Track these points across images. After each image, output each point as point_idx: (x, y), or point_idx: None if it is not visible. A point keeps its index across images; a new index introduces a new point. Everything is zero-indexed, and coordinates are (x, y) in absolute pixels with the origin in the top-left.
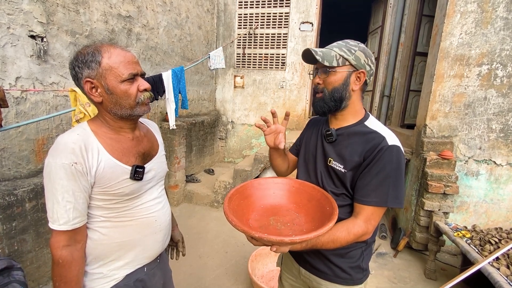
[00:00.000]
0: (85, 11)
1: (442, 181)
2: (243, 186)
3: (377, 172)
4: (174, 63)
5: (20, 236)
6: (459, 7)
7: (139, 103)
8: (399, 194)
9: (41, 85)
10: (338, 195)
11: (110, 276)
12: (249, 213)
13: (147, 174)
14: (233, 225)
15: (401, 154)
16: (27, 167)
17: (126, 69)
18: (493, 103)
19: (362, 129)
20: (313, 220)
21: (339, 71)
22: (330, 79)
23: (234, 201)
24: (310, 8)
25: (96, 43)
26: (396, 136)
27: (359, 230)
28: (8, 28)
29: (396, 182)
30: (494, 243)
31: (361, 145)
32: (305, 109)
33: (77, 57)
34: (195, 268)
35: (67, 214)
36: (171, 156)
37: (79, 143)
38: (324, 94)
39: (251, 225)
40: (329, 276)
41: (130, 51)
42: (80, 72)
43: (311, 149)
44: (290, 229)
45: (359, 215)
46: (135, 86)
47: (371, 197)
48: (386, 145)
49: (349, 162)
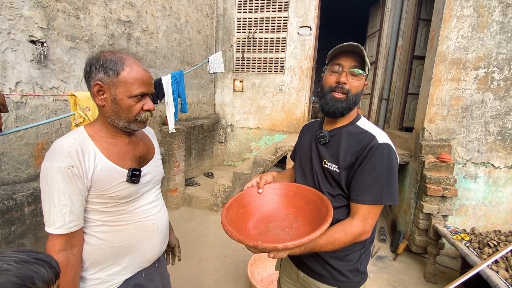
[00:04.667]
0: (85, 16)
1: (441, 184)
2: (241, 195)
3: (370, 171)
4: (174, 67)
5: (19, 241)
6: (455, 12)
7: (137, 120)
8: (393, 191)
9: (41, 90)
10: (334, 196)
11: (108, 281)
12: (248, 221)
13: (144, 177)
14: (229, 235)
15: (392, 152)
16: (26, 171)
17: (139, 88)
18: (491, 106)
19: (354, 129)
20: (310, 224)
21: (363, 78)
22: (357, 83)
23: (232, 211)
24: (308, 13)
25: (122, 51)
26: (395, 139)
27: (356, 230)
28: (9, 34)
29: (389, 179)
30: (493, 246)
31: (353, 145)
32: (304, 112)
33: (99, 59)
34: (195, 272)
35: (63, 217)
36: (171, 160)
37: (76, 146)
38: (348, 96)
39: (250, 233)
40: (328, 279)
41: (150, 72)
42: (94, 73)
43: (306, 153)
44: (288, 234)
45: (356, 215)
46: (140, 104)
47: (366, 195)
48: (377, 143)
49: (342, 162)
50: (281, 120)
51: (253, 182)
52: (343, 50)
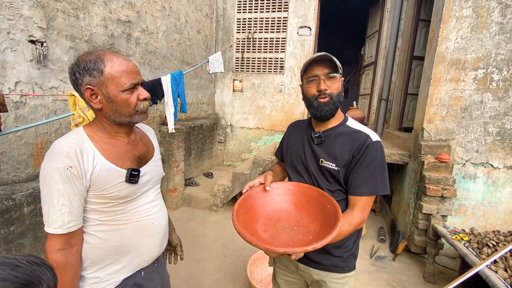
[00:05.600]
0: (85, 16)
1: (440, 184)
2: (243, 198)
3: (366, 166)
4: (173, 67)
5: (18, 241)
6: (454, 12)
7: (138, 112)
8: (386, 182)
9: (40, 90)
10: (333, 191)
11: (107, 280)
12: (255, 225)
13: (143, 177)
14: (253, 245)
15: (382, 148)
16: (26, 171)
17: (127, 79)
18: (490, 107)
19: (346, 129)
20: (316, 220)
21: (339, 78)
22: (336, 84)
23: (240, 217)
24: (308, 13)
25: (98, 50)
26: (394, 139)
27: (357, 220)
28: (8, 33)
29: (383, 172)
30: (492, 246)
31: (348, 143)
32: (303, 112)
33: (79, 64)
34: (194, 272)
35: (62, 217)
36: (170, 160)
37: (75, 147)
38: (332, 98)
39: (262, 236)
40: (329, 267)
41: (132, 60)
42: (80, 79)
43: (298, 152)
44: (299, 232)
45: (355, 206)
46: (135, 95)
47: (364, 188)
48: (371, 141)
49: (340, 160)
50: (281, 120)
51: (256, 182)
52: (314, 60)
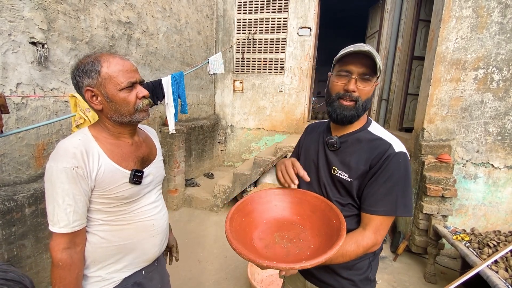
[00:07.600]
0: (86, 17)
1: (441, 184)
2: (243, 202)
3: (385, 180)
4: (174, 68)
5: (20, 242)
6: (454, 12)
7: (138, 110)
8: (408, 202)
9: (41, 91)
10: (344, 205)
11: (108, 279)
12: (252, 231)
13: (146, 178)
14: (238, 253)
15: (408, 161)
16: (27, 172)
17: (125, 78)
18: (490, 107)
19: (367, 136)
20: (319, 234)
21: (374, 83)
22: (367, 89)
23: (235, 221)
24: (308, 13)
25: (96, 52)
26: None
27: (369, 242)
28: (10, 35)
29: (405, 190)
30: (493, 246)
31: (366, 152)
32: (304, 113)
33: (78, 67)
34: (195, 273)
35: (67, 217)
36: (171, 161)
37: (80, 147)
38: (357, 103)
39: (255, 245)
40: None
41: (129, 60)
42: (81, 81)
43: (312, 157)
44: (297, 246)
45: (368, 226)
46: (134, 94)
47: (379, 206)
48: (393, 152)
49: (354, 170)
50: (281, 120)
51: (291, 171)
52: (353, 52)
